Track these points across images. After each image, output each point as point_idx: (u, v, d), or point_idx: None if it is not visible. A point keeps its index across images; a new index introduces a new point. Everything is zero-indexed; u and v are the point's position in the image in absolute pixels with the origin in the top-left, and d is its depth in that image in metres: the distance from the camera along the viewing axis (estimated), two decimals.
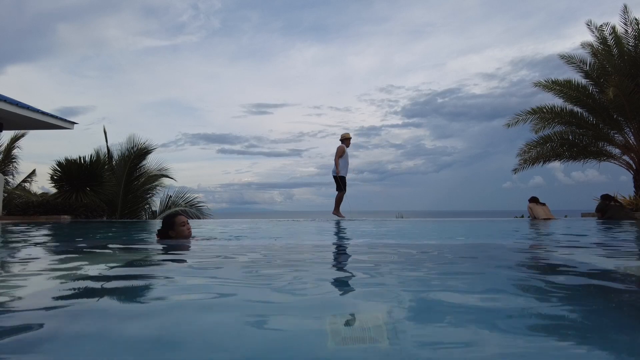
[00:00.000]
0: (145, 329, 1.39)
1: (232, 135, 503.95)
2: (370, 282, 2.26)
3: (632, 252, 3.99)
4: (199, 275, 2.52)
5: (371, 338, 1.28)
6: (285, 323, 1.44)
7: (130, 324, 1.45)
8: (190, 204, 15.00)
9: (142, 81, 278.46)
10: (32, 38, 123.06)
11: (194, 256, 3.58)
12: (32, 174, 17.99)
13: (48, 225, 8.11)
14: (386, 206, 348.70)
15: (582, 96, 13.12)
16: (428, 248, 4.11)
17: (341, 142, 10.61)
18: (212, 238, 5.14)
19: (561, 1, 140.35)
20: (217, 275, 2.50)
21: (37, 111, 11.30)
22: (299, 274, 2.58)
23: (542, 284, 2.23)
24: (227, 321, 1.46)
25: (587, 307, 1.74)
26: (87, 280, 2.32)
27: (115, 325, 1.43)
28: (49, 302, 1.77)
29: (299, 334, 1.32)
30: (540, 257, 3.58)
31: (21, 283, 2.28)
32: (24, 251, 3.99)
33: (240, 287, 2.09)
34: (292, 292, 1.97)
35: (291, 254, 3.68)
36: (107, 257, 3.43)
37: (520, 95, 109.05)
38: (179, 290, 2.06)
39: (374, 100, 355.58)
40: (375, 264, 2.98)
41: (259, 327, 1.39)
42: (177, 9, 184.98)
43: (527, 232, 6.57)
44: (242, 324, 1.42)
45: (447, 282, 2.28)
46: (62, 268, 2.96)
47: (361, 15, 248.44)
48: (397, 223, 9.01)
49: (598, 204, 10.44)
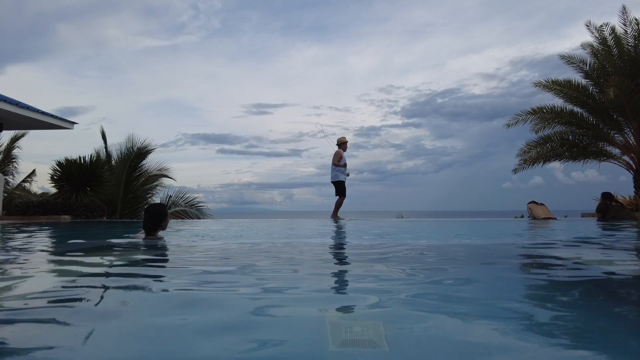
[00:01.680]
0: (145, 329, 1.39)
1: (231, 135, 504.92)
2: (369, 282, 2.26)
3: (634, 253, 3.98)
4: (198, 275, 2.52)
5: (370, 339, 1.28)
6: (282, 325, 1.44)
7: (130, 323, 1.45)
8: (190, 204, 14.98)
9: (142, 81, 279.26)
10: (32, 38, 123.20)
11: (192, 256, 3.58)
12: (32, 174, 17.97)
13: (48, 225, 8.11)
14: (386, 206, 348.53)
15: (582, 96, 13.10)
16: (428, 248, 4.11)
17: (338, 147, 10.40)
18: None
19: (561, 1, 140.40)
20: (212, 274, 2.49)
21: (37, 111, 11.29)
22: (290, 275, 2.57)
23: (543, 284, 2.22)
24: (227, 320, 1.46)
25: (588, 307, 1.74)
26: (87, 281, 2.31)
27: (114, 325, 1.43)
28: (49, 302, 1.77)
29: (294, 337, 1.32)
30: (544, 258, 3.58)
31: (21, 283, 2.28)
32: (24, 251, 3.99)
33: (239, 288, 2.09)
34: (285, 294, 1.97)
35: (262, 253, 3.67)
36: (106, 257, 3.42)
37: (520, 96, 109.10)
38: (178, 289, 2.06)
39: (373, 100, 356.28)
40: (374, 263, 2.98)
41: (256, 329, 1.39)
42: (177, 9, 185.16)
43: (527, 233, 6.57)
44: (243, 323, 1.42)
45: (447, 281, 2.28)
46: (62, 268, 2.96)
47: (361, 15, 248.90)
48: (398, 223, 9.01)
49: (598, 204, 10.28)
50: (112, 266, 2.94)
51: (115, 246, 4.30)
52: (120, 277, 2.52)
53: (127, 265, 3.03)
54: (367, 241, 5.01)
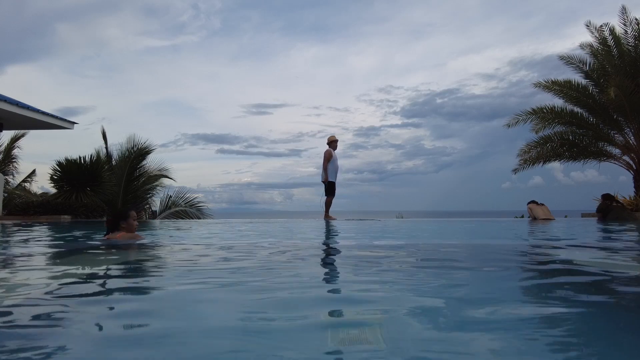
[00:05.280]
0: (144, 328, 1.39)
1: (231, 135, 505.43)
2: (368, 281, 2.26)
3: (636, 253, 3.98)
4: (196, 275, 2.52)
5: (369, 340, 1.28)
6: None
7: (130, 323, 1.45)
8: (190, 204, 14.99)
9: (142, 81, 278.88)
10: (32, 38, 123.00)
11: (190, 256, 3.59)
12: (32, 174, 17.98)
13: (48, 225, 8.11)
14: (386, 206, 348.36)
15: (582, 96, 13.10)
16: (428, 248, 4.11)
17: (328, 146, 10.26)
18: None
19: (561, 1, 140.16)
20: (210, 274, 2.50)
21: (37, 111, 11.29)
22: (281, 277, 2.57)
23: (544, 285, 2.22)
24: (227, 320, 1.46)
25: (588, 307, 1.74)
26: (86, 280, 2.31)
27: (114, 324, 1.43)
28: (49, 302, 1.77)
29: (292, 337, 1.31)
30: (547, 259, 3.58)
31: (21, 283, 2.28)
32: (24, 251, 3.99)
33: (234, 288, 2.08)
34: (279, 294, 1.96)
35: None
36: (106, 257, 3.42)
37: (520, 96, 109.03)
38: (177, 290, 2.06)
39: (373, 100, 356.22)
40: (371, 264, 2.98)
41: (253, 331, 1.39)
42: (177, 9, 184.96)
43: (528, 233, 6.56)
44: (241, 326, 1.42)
45: (446, 281, 2.27)
46: (62, 268, 2.96)
47: (361, 15, 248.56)
48: (400, 223, 9.00)
49: (599, 205, 10.19)
50: (110, 267, 2.94)
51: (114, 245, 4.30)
52: (120, 277, 2.52)
53: (125, 265, 3.02)
54: (368, 241, 5.01)
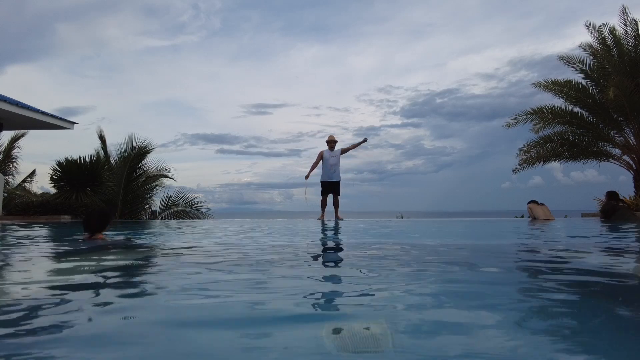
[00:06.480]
0: (144, 328, 1.39)
1: (231, 135, 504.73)
2: (367, 281, 2.26)
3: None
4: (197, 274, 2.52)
5: (372, 341, 1.28)
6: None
7: (129, 322, 1.45)
8: (190, 204, 14.98)
9: (142, 81, 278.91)
10: (32, 38, 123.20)
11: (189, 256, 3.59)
12: (32, 174, 17.97)
13: (48, 225, 8.11)
14: (386, 206, 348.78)
15: (582, 96, 13.10)
16: (428, 248, 4.11)
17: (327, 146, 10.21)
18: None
19: (561, 1, 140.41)
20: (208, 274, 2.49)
21: (37, 111, 11.29)
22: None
23: (545, 285, 2.22)
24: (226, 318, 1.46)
25: (589, 307, 1.74)
26: (86, 280, 2.31)
27: (114, 324, 1.43)
28: (49, 302, 1.77)
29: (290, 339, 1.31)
30: (546, 259, 3.58)
31: (21, 283, 2.28)
32: (24, 251, 3.99)
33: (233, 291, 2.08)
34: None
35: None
36: (106, 257, 3.42)
37: (519, 96, 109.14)
38: (176, 289, 2.06)
39: (372, 100, 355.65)
40: (371, 264, 2.98)
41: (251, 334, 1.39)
42: (177, 9, 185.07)
43: (528, 233, 6.56)
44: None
45: (446, 281, 2.27)
46: (61, 268, 2.96)
47: (361, 15, 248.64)
48: (400, 223, 9.00)
49: (604, 204, 9.54)
50: (110, 266, 2.94)
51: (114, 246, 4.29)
52: (119, 277, 2.52)
53: (124, 265, 3.02)
54: (367, 242, 5.01)
